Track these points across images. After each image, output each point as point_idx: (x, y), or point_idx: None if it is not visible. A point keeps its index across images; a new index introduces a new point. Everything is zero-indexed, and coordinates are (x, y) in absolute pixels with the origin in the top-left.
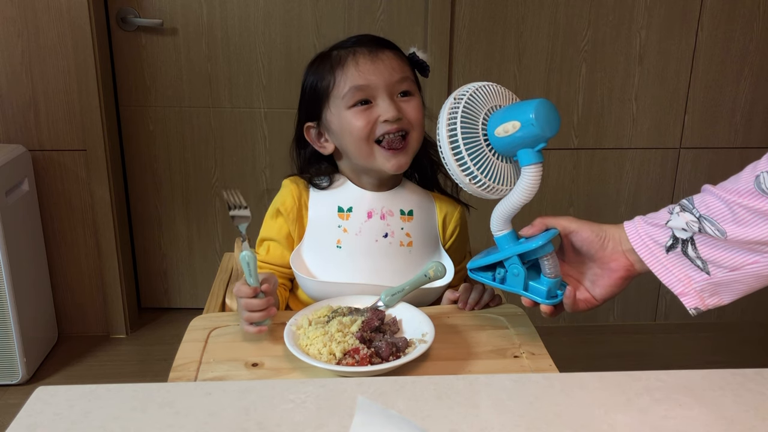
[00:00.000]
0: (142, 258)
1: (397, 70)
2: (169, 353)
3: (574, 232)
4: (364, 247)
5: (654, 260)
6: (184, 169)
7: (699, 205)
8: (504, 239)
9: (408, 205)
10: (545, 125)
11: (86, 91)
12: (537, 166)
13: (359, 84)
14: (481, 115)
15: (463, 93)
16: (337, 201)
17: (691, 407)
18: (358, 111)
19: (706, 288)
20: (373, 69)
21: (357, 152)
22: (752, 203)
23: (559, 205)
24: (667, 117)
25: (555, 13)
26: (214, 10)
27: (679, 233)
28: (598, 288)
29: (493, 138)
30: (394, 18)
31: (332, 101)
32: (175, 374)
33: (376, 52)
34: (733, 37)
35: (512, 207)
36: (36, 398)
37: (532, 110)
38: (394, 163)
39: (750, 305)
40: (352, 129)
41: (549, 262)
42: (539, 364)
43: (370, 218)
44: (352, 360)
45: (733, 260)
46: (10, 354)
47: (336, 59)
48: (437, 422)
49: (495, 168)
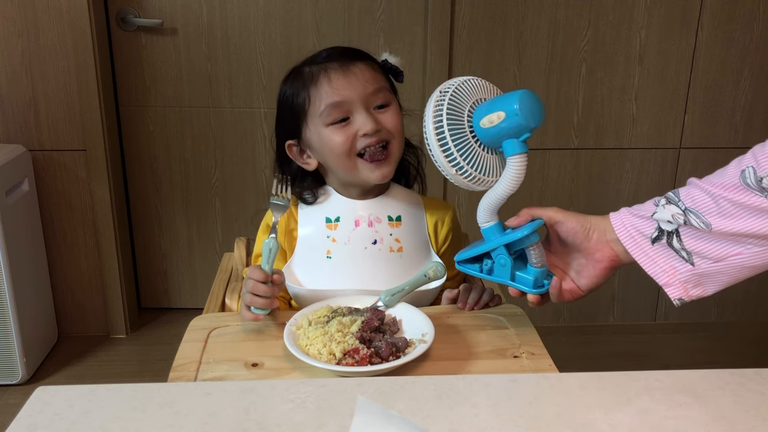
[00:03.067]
0: (142, 258)
1: (371, 81)
2: (169, 353)
3: (560, 222)
4: (354, 255)
5: (639, 251)
6: (184, 169)
7: (685, 197)
8: (491, 230)
9: (395, 211)
10: (529, 115)
11: (86, 91)
12: (522, 156)
13: (335, 101)
14: (466, 107)
15: (449, 86)
16: (324, 213)
17: (691, 407)
18: (336, 128)
19: (691, 279)
20: (347, 84)
21: (340, 167)
22: (737, 197)
23: (559, 204)
24: (667, 117)
25: (555, 13)
26: (214, 10)
27: (664, 225)
28: (584, 278)
29: (479, 129)
30: (394, 18)
31: (310, 119)
32: (175, 374)
33: (347, 66)
34: (733, 37)
35: (498, 198)
36: (36, 398)
37: (517, 100)
38: (378, 174)
39: (750, 305)
40: (333, 146)
41: (535, 252)
42: (539, 364)
43: (358, 226)
44: (352, 360)
45: (718, 251)
46: (10, 354)
47: (308, 76)
48: (437, 422)
49: (481, 159)
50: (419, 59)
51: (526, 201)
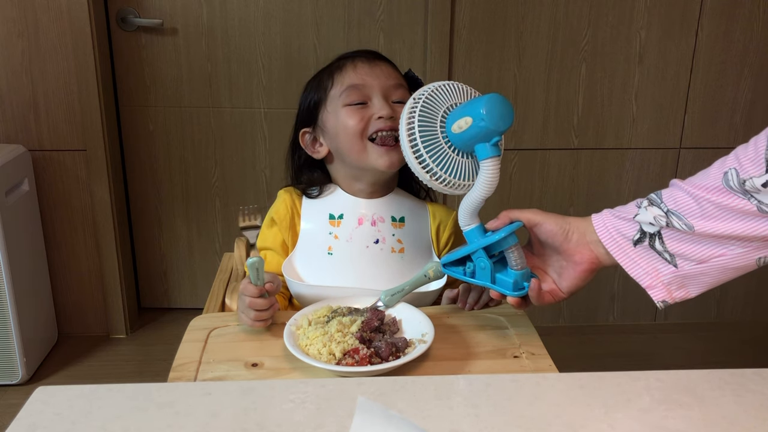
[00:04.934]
0: (142, 258)
1: (393, 76)
2: (169, 353)
3: (539, 224)
4: (355, 253)
5: (622, 253)
6: (184, 169)
7: (667, 199)
8: (472, 233)
9: (399, 212)
10: (497, 120)
11: (86, 92)
12: (494, 160)
13: (356, 83)
14: (439, 114)
15: (422, 93)
16: (328, 208)
17: (691, 407)
18: (353, 109)
19: (674, 281)
20: (370, 71)
21: (350, 149)
22: (720, 199)
23: (559, 204)
24: (667, 117)
25: (555, 13)
26: (214, 10)
27: (646, 227)
28: (564, 280)
29: (451, 134)
30: (394, 18)
31: (329, 101)
32: (175, 374)
33: (373, 60)
34: (733, 37)
35: (475, 201)
36: (36, 398)
37: (482, 106)
38: (386, 160)
39: (750, 305)
40: (347, 125)
41: (514, 255)
42: (539, 364)
43: (361, 225)
44: (352, 360)
45: (701, 253)
46: (10, 354)
47: (336, 66)
48: (437, 422)
49: (455, 164)
50: (419, 59)
51: (526, 201)
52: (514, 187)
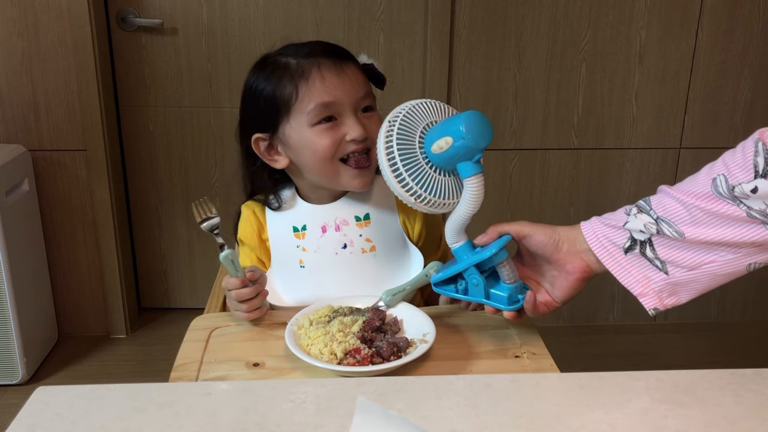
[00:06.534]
0: (142, 258)
1: (361, 84)
2: (169, 353)
3: (528, 236)
4: (326, 262)
5: (612, 262)
6: (184, 169)
7: (656, 206)
8: (461, 250)
9: (362, 209)
10: (478, 137)
11: (86, 91)
12: (477, 177)
13: (326, 101)
14: (417, 134)
15: (396, 115)
16: (290, 221)
17: (691, 407)
18: (322, 129)
19: (665, 288)
20: (339, 84)
21: (320, 171)
22: (709, 205)
23: (559, 205)
24: (667, 117)
25: (555, 13)
26: (214, 10)
27: (637, 235)
28: (557, 290)
29: (431, 155)
30: (394, 18)
31: (293, 115)
32: (176, 374)
33: (341, 66)
34: (733, 37)
35: (461, 219)
36: (36, 398)
37: (461, 124)
38: (360, 182)
39: (750, 305)
40: (317, 148)
41: (506, 269)
42: (540, 364)
43: (325, 232)
44: (353, 360)
45: (692, 260)
46: (10, 354)
47: (297, 70)
48: (437, 422)
49: (437, 183)
50: (419, 59)
51: (526, 201)
52: (514, 187)
